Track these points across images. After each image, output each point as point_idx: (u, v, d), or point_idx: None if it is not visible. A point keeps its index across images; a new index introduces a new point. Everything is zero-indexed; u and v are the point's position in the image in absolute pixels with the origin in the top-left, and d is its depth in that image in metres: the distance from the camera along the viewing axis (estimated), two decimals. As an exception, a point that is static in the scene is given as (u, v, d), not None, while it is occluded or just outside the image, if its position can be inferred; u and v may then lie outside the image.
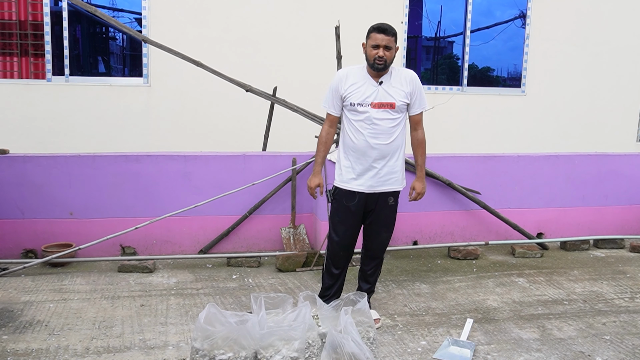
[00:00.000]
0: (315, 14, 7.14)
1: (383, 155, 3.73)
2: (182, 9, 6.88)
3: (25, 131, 6.66)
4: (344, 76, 3.77)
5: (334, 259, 3.92)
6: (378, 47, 3.63)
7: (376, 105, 3.69)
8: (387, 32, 3.65)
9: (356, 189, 3.76)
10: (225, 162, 5.23)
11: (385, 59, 3.63)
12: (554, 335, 3.78)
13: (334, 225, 3.89)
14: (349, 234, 3.87)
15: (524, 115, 7.98)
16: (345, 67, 3.86)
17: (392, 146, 3.75)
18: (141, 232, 5.00)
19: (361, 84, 3.72)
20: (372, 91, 3.70)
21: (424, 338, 3.70)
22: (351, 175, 3.78)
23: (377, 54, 3.62)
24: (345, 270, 3.98)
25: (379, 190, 3.78)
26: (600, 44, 8.05)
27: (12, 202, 4.95)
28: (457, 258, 5.41)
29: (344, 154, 3.82)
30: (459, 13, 7.84)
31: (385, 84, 3.72)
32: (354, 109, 3.72)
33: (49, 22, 6.68)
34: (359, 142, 3.72)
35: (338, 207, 3.86)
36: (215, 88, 6.32)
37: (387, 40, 3.63)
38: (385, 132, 3.71)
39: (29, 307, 4.00)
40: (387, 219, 3.88)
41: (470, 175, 5.70)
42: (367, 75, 3.74)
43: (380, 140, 3.71)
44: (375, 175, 3.74)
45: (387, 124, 3.71)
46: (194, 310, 4.03)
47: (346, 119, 3.79)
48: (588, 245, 5.87)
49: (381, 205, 3.82)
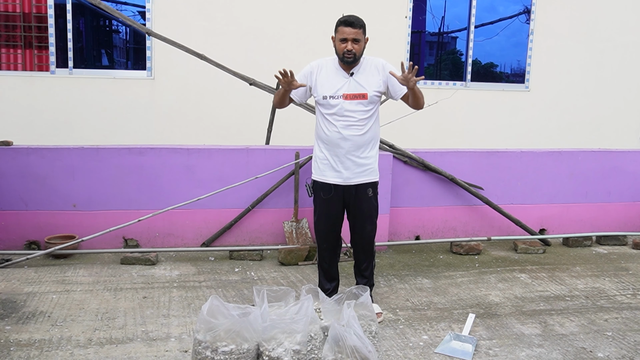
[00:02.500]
0: (319, 7, 7.12)
1: (357, 146, 3.72)
2: (185, 2, 6.88)
3: (29, 123, 6.67)
4: (317, 67, 3.78)
5: (320, 252, 4.02)
6: (346, 40, 3.61)
7: (348, 97, 3.68)
8: (354, 25, 3.62)
9: (332, 181, 3.78)
10: (228, 155, 5.23)
11: (354, 52, 3.62)
12: (555, 331, 3.78)
13: (315, 218, 3.96)
14: (329, 228, 3.91)
15: (528, 111, 7.96)
16: (318, 59, 3.84)
17: (365, 137, 3.74)
18: (144, 224, 5.01)
19: (333, 76, 3.73)
20: (344, 83, 3.70)
21: (426, 332, 3.71)
22: (326, 167, 3.79)
23: (345, 47, 3.61)
24: (333, 265, 4.02)
25: (355, 182, 3.77)
26: (604, 40, 8.02)
27: (16, 193, 4.96)
28: (460, 253, 5.41)
29: (318, 147, 3.84)
30: (463, 8, 7.81)
31: (356, 75, 3.71)
32: (326, 102, 3.72)
33: (52, 15, 6.68)
34: (332, 134, 3.72)
35: (317, 200, 3.91)
36: (219, 81, 6.31)
37: (354, 33, 3.61)
38: (358, 123, 3.70)
39: (31, 298, 4.02)
40: (368, 211, 3.86)
41: (473, 170, 5.70)
42: (339, 67, 3.74)
43: (353, 131, 3.69)
44: (350, 167, 3.74)
45: (359, 116, 3.69)
46: (196, 303, 4.04)
47: (319, 113, 3.80)
48: (590, 242, 5.86)
49: (361, 198, 3.81)
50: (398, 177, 5.46)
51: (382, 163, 5.25)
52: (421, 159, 5.48)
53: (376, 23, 7.35)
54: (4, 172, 4.92)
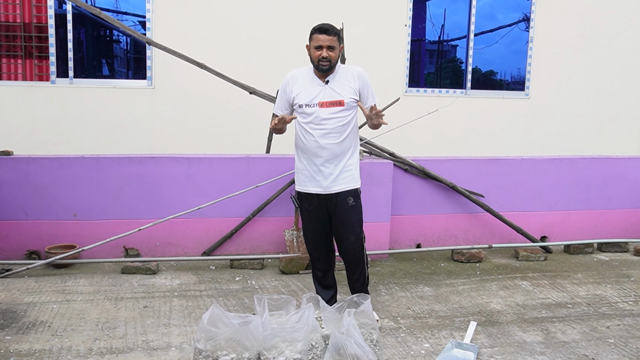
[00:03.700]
0: (319, 16, 7.11)
1: (335, 154, 3.70)
2: (186, 12, 6.90)
3: (29, 133, 6.68)
4: (292, 78, 3.78)
5: (313, 262, 4.01)
6: (321, 47, 3.61)
7: (324, 104, 3.67)
8: (328, 32, 3.64)
9: (313, 190, 3.77)
10: (228, 164, 5.24)
11: (329, 59, 3.62)
12: (557, 339, 3.77)
13: (304, 229, 3.97)
14: (317, 236, 3.90)
15: (528, 119, 7.97)
16: (292, 70, 3.83)
17: (343, 145, 3.72)
18: (144, 233, 5.00)
19: (308, 85, 3.72)
20: (319, 91, 3.70)
21: (427, 340, 3.69)
22: (306, 178, 3.78)
23: (320, 54, 3.61)
24: (328, 272, 4.01)
25: (336, 191, 3.74)
26: (604, 46, 8.04)
27: (16, 203, 4.96)
28: (461, 261, 5.40)
29: (298, 158, 3.84)
30: (463, 17, 7.84)
31: (331, 83, 3.71)
32: (302, 111, 3.71)
33: (53, 25, 6.71)
34: (309, 143, 3.71)
35: (303, 211, 3.90)
36: (219, 90, 6.33)
37: (329, 40, 3.62)
38: (335, 131, 3.68)
39: (32, 308, 4.01)
40: (349, 220, 3.79)
41: (473, 178, 5.70)
42: (314, 75, 3.74)
43: (330, 139, 3.68)
44: (329, 175, 3.71)
45: (336, 123, 3.68)
46: (197, 312, 4.03)
47: (297, 123, 3.79)
48: (592, 249, 5.85)
49: (341, 207, 3.77)
50: (398, 185, 5.46)
51: (382, 171, 5.27)
52: (422, 166, 5.48)
53: (376, 32, 7.41)
54: (4, 181, 4.92)
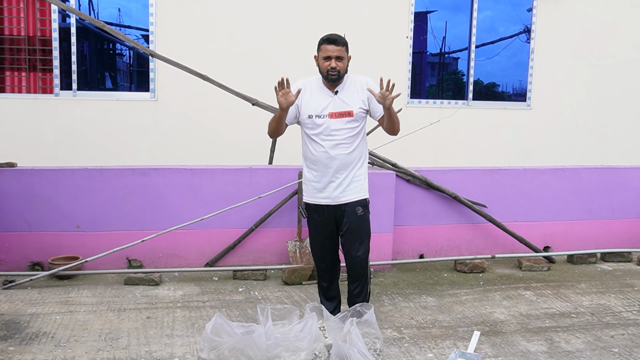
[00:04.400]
0: (321, 28, 7.14)
1: (344, 165, 3.70)
2: (188, 25, 6.95)
3: (33, 145, 6.71)
4: (303, 86, 3.76)
5: (319, 272, 4.02)
6: (330, 58, 3.62)
7: (334, 115, 3.67)
8: (337, 42, 3.64)
9: (322, 202, 3.76)
10: (231, 175, 5.25)
11: (338, 70, 3.62)
12: (562, 348, 3.75)
13: (311, 240, 3.98)
14: (325, 247, 3.91)
15: (530, 129, 7.98)
16: (302, 79, 3.83)
17: (352, 156, 3.72)
18: (148, 245, 5.01)
19: (317, 95, 3.72)
20: (329, 101, 3.69)
21: (431, 350, 3.68)
22: (315, 189, 3.77)
23: (329, 65, 3.61)
24: (333, 283, 4.02)
25: (345, 201, 3.74)
26: (604, 57, 8.06)
27: (20, 214, 4.97)
28: (464, 271, 5.39)
29: (307, 168, 3.82)
30: (464, 29, 7.88)
31: (341, 93, 3.71)
32: (311, 122, 3.70)
33: (57, 38, 6.76)
34: (319, 154, 3.70)
35: (311, 222, 3.90)
36: (222, 102, 6.35)
37: (338, 50, 3.63)
38: (345, 142, 3.68)
39: (35, 319, 4.01)
40: (358, 230, 3.79)
41: (476, 188, 5.70)
42: (323, 86, 3.74)
43: (340, 150, 3.68)
44: (339, 186, 3.71)
45: (346, 134, 3.68)
46: (200, 323, 4.03)
47: (304, 134, 3.79)
48: (595, 259, 5.84)
49: (350, 217, 3.76)
50: (401, 196, 5.46)
51: (384, 182, 5.27)
52: (424, 177, 5.49)
53: (378, 44, 7.44)
54: (8, 193, 4.94)
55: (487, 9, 7.87)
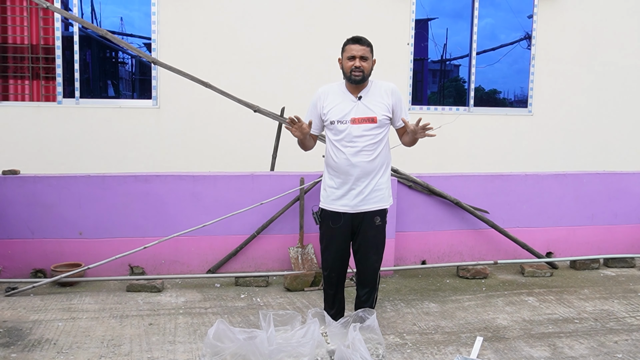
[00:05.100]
0: (323, 35, 7.22)
1: (366, 173, 3.65)
2: (190, 33, 6.98)
3: (36, 152, 6.73)
4: (323, 93, 3.72)
5: (326, 280, 3.94)
6: (354, 57, 3.58)
7: (356, 121, 3.61)
8: (362, 42, 3.61)
9: (341, 209, 3.70)
10: (233, 182, 5.26)
11: (362, 70, 3.57)
12: (565, 354, 3.74)
13: (322, 247, 3.86)
14: (337, 256, 3.82)
15: (532, 135, 7.99)
16: (324, 85, 3.79)
17: (374, 163, 3.66)
18: (150, 251, 5.01)
19: (340, 101, 3.66)
20: (352, 107, 3.64)
21: (434, 356, 3.67)
22: (335, 195, 3.71)
23: (353, 64, 3.56)
24: (339, 292, 3.97)
25: (364, 210, 3.70)
26: (605, 63, 8.08)
27: (22, 222, 4.98)
28: (466, 277, 5.38)
29: (328, 175, 3.77)
30: (464, 36, 7.90)
31: (364, 99, 3.66)
32: (334, 127, 3.66)
33: (60, 46, 6.79)
34: (340, 161, 3.65)
35: (325, 229, 3.82)
36: (224, 109, 6.38)
37: (362, 50, 3.59)
38: (367, 149, 3.63)
39: (37, 326, 4.01)
40: (374, 240, 3.77)
41: (478, 194, 5.70)
42: (346, 90, 3.69)
43: (362, 157, 3.63)
44: (359, 194, 3.66)
45: (368, 141, 3.63)
46: (202, 329, 4.02)
47: (328, 140, 3.75)
48: (598, 264, 5.82)
49: (367, 226, 3.73)
50: (403, 202, 5.46)
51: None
52: (426, 183, 5.49)
53: (378, 50, 7.41)
54: (11, 200, 4.95)
55: (487, 16, 7.90)
